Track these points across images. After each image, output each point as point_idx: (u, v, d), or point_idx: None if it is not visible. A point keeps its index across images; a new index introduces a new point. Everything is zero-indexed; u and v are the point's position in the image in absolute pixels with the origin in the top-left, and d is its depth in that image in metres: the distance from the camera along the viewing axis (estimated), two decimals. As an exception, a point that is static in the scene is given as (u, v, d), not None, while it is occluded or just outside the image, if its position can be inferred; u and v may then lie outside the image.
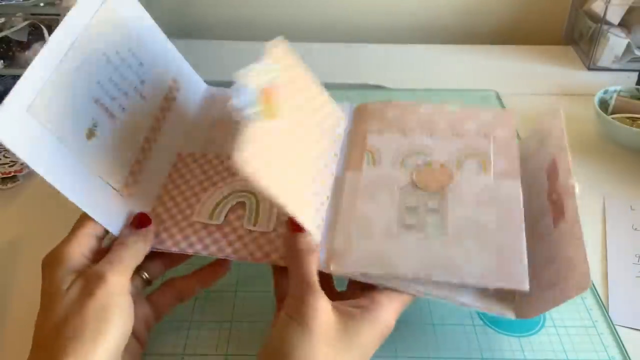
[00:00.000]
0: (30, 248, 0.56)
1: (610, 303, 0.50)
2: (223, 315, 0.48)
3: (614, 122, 0.67)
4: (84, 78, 0.41)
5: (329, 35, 1.00)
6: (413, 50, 0.93)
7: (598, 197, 0.62)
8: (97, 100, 0.43)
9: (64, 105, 0.40)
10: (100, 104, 0.43)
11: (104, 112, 0.43)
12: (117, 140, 0.44)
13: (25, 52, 0.67)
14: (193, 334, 0.47)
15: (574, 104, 0.78)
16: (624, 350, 0.45)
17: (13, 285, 0.52)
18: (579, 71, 0.87)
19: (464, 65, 0.89)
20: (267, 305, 0.49)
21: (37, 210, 0.61)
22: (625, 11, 0.83)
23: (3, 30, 0.65)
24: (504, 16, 0.99)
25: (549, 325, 0.47)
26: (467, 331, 0.47)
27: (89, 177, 0.42)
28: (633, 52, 0.84)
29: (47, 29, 0.65)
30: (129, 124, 0.46)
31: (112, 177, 0.43)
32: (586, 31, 0.89)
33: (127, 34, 0.46)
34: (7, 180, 0.63)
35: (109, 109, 0.44)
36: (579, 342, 0.46)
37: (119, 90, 0.45)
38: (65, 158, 0.40)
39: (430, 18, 0.99)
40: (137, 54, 0.47)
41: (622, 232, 0.57)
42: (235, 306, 0.49)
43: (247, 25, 1.00)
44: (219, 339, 0.46)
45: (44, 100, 0.38)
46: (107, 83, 0.44)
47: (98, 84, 0.43)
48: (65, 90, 0.40)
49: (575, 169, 0.66)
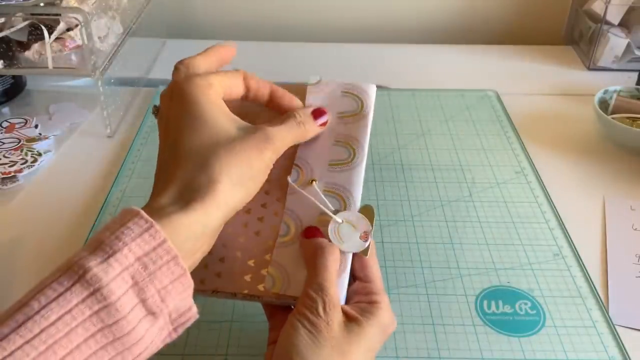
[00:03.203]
0: (30, 248, 0.56)
1: (610, 303, 0.50)
2: (223, 315, 0.48)
3: (614, 122, 0.67)
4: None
5: (329, 36, 1.00)
6: (413, 50, 0.93)
7: (598, 197, 0.62)
8: None
9: None
10: None
11: None
12: None
13: (25, 52, 0.67)
14: (193, 334, 0.47)
15: (574, 104, 0.78)
16: (624, 350, 0.45)
17: (13, 285, 0.52)
18: (579, 71, 0.87)
19: (464, 65, 0.89)
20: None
21: (37, 210, 0.61)
22: (625, 11, 0.83)
23: (3, 30, 0.65)
24: (504, 16, 0.99)
25: (549, 325, 0.47)
26: (467, 331, 0.47)
27: None
28: (633, 52, 0.84)
29: (47, 29, 0.65)
30: None
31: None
32: (586, 31, 0.89)
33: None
34: (7, 180, 0.63)
35: None
36: (579, 342, 0.46)
37: None
38: None
39: (430, 18, 0.99)
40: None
41: (622, 232, 0.57)
42: (235, 306, 0.49)
43: (248, 26, 1.00)
44: (219, 339, 0.46)
45: None
46: None
47: None
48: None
49: (575, 169, 0.67)
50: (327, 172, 0.43)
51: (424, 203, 0.60)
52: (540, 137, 0.71)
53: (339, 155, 0.44)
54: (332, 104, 0.45)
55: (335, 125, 0.45)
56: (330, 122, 0.45)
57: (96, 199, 0.61)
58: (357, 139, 0.44)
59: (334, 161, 0.43)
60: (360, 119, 0.45)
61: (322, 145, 0.44)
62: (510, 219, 0.58)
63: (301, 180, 0.43)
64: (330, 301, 0.36)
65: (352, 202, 0.42)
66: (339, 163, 0.43)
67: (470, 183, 0.63)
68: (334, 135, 0.44)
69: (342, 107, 0.45)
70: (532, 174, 0.64)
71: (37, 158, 0.66)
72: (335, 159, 0.43)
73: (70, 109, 0.77)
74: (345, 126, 0.45)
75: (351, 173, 0.43)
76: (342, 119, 0.45)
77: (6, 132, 0.71)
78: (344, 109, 0.45)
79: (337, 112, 0.45)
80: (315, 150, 0.44)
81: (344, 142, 0.44)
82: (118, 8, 0.74)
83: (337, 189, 0.42)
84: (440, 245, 0.55)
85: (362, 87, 0.46)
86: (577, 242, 0.55)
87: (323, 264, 0.38)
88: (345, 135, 0.44)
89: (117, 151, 0.69)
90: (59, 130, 0.72)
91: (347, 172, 0.43)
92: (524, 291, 0.51)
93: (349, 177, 0.43)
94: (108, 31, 0.70)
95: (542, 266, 0.53)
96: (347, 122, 0.45)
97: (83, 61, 0.67)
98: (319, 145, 0.44)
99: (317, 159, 0.44)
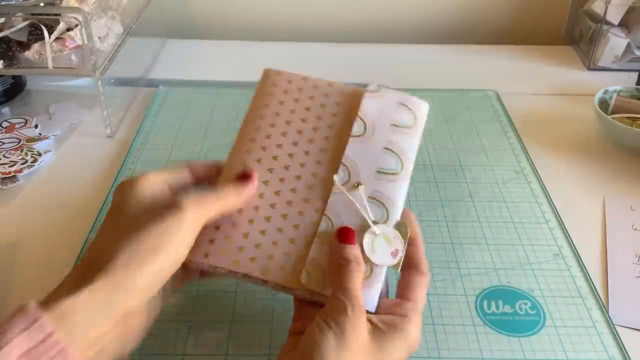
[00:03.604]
0: (30, 248, 0.56)
1: (610, 303, 0.50)
2: (223, 315, 0.48)
3: (614, 122, 0.67)
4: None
5: (329, 36, 1.00)
6: (413, 50, 0.93)
7: (598, 197, 0.62)
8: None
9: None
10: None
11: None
12: None
13: (25, 52, 0.67)
14: (193, 334, 0.47)
15: (574, 104, 0.78)
16: (624, 350, 0.45)
17: (13, 285, 0.52)
18: (579, 71, 0.87)
19: (464, 65, 0.89)
20: (267, 305, 0.49)
21: (37, 210, 0.61)
22: (625, 11, 0.83)
23: (3, 30, 0.65)
24: (504, 16, 0.99)
25: (549, 325, 0.47)
26: (467, 331, 0.47)
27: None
28: (633, 52, 0.84)
29: (47, 29, 0.65)
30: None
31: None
32: (586, 31, 0.89)
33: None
34: (7, 180, 0.63)
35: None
36: (579, 342, 0.46)
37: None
38: None
39: (430, 18, 0.99)
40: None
41: (622, 232, 0.57)
42: (235, 306, 0.49)
43: (247, 26, 1.00)
44: (219, 339, 0.46)
45: None
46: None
47: None
48: None
49: (576, 169, 0.67)
50: (374, 179, 0.43)
51: (424, 203, 0.60)
52: (540, 137, 0.71)
53: (388, 164, 0.44)
54: (387, 112, 0.46)
55: (389, 132, 0.45)
56: (384, 129, 0.45)
57: (96, 199, 0.61)
58: (406, 152, 0.44)
59: (382, 169, 0.43)
60: (412, 133, 0.45)
61: (372, 149, 0.44)
62: (510, 219, 0.58)
63: (347, 181, 0.43)
64: (358, 306, 0.36)
65: (394, 214, 0.42)
66: (387, 172, 0.43)
67: (470, 183, 0.63)
68: (385, 142, 0.44)
69: (397, 117, 0.46)
70: (532, 174, 0.64)
71: (37, 158, 0.66)
72: (385, 167, 0.43)
73: (70, 109, 0.77)
74: (397, 136, 0.45)
75: (398, 185, 0.43)
76: (395, 129, 0.45)
77: (6, 132, 0.71)
78: (398, 119, 0.46)
79: (391, 121, 0.45)
80: (365, 152, 0.44)
81: (394, 152, 0.44)
82: (118, 8, 0.74)
83: (382, 198, 0.42)
84: (440, 245, 0.55)
85: (418, 103, 0.47)
86: (577, 242, 0.55)
87: (352, 273, 0.38)
88: (396, 145, 0.44)
89: (117, 151, 0.69)
90: (59, 130, 0.72)
91: (394, 183, 0.43)
92: (524, 291, 0.51)
93: (396, 188, 0.43)
94: (108, 31, 0.70)
95: (542, 266, 0.53)
96: (399, 132, 0.45)
97: (83, 61, 0.67)
98: (369, 148, 0.44)
99: (365, 162, 0.44)
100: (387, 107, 0.46)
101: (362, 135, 0.45)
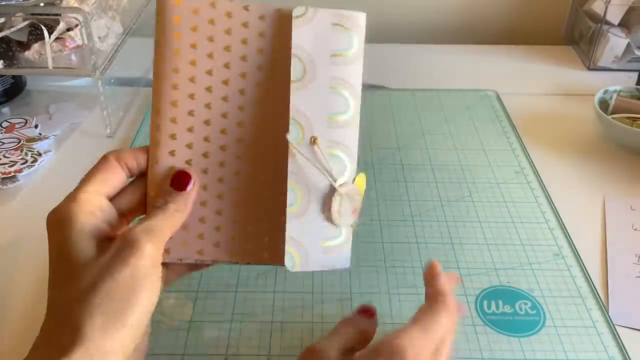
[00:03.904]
0: (30, 248, 0.56)
1: (610, 303, 0.50)
2: (223, 315, 0.48)
3: (614, 122, 0.67)
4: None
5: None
6: (413, 50, 0.93)
7: (598, 197, 0.62)
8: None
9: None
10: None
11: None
12: None
13: (25, 52, 0.67)
14: (193, 334, 0.47)
15: (574, 104, 0.78)
16: (624, 350, 0.45)
17: (13, 285, 0.52)
18: (579, 71, 0.87)
19: (464, 65, 0.89)
20: (268, 306, 0.49)
21: (37, 210, 0.60)
22: (625, 11, 0.83)
23: (3, 30, 0.65)
24: (504, 16, 0.99)
25: (549, 325, 0.47)
26: (467, 331, 0.47)
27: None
28: (633, 52, 0.84)
29: (47, 29, 0.65)
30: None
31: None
32: (586, 31, 0.89)
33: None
34: (7, 180, 0.63)
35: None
36: (579, 342, 0.46)
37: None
38: None
39: (430, 18, 0.99)
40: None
41: (622, 232, 0.57)
42: (235, 306, 0.49)
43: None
44: (219, 339, 0.46)
45: None
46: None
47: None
48: None
49: (576, 169, 0.67)
50: (327, 128, 0.38)
51: (424, 203, 0.60)
52: (540, 137, 0.71)
53: (337, 106, 0.38)
54: (323, 40, 0.38)
55: (330, 66, 0.38)
56: (324, 64, 0.38)
57: (96, 199, 0.61)
58: (353, 86, 0.38)
59: (333, 113, 0.38)
60: (353, 59, 0.38)
61: (317, 93, 0.38)
62: (510, 219, 0.58)
63: (302, 138, 0.38)
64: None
65: (352, 163, 0.39)
66: (338, 116, 0.38)
67: (470, 183, 0.63)
68: (329, 80, 0.38)
69: (335, 44, 0.38)
70: (532, 174, 0.64)
71: (37, 158, 0.66)
72: (334, 110, 0.38)
73: (70, 109, 0.77)
74: (340, 69, 0.38)
75: (351, 128, 0.38)
76: (335, 59, 0.38)
77: (6, 132, 0.71)
78: (336, 46, 0.38)
79: (330, 51, 0.38)
80: (312, 98, 0.38)
81: (341, 90, 0.38)
82: (118, 8, 0.74)
83: (339, 148, 0.38)
84: (440, 245, 0.55)
85: (353, 17, 0.38)
86: (577, 242, 0.55)
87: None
88: (340, 80, 0.38)
89: (117, 151, 0.69)
90: (59, 130, 0.72)
91: (347, 127, 0.38)
92: (524, 291, 0.50)
93: (349, 132, 0.38)
94: (108, 31, 0.70)
95: (542, 266, 0.53)
96: (341, 63, 0.38)
97: (83, 61, 0.67)
98: (314, 93, 0.38)
99: (315, 110, 0.38)
100: (321, 34, 0.38)
101: (304, 78, 0.38)
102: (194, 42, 0.38)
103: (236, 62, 0.38)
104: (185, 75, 0.38)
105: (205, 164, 0.38)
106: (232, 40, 0.38)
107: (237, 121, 0.38)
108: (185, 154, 0.38)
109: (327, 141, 0.38)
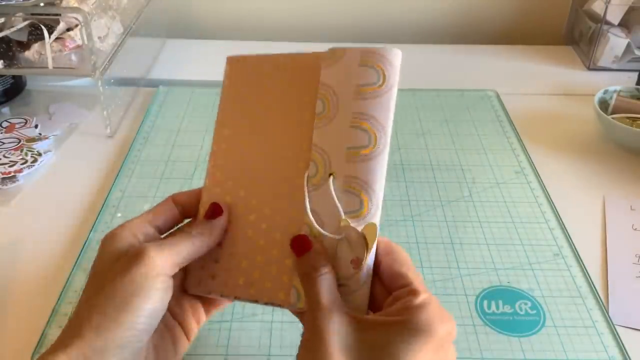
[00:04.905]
0: (30, 248, 0.56)
1: (610, 303, 0.50)
2: (223, 315, 0.48)
3: (614, 122, 0.67)
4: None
5: (329, 36, 1.00)
6: (413, 50, 0.93)
7: (598, 197, 0.62)
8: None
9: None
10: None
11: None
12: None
13: (25, 52, 0.67)
14: (193, 334, 0.47)
15: (574, 104, 0.78)
16: (624, 350, 0.45)
17: (13, 285, 0.52)
18: (579, 71, 0.87)
19: (464, 65, 0.89)
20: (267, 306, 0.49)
21: (37, 210, 0.61)
22: (625, 11, 0.83)
23: (3, 30, 0.65)
24: (504, 16, 0.99)
25: (549, 325, 0.47)
26: (467, 331, 0.47)
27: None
28: (633, 52, 0.84)
29: (47, 29, 0.65)
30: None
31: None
32: (586, 31, 0.89)
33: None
34: (7, 180, 0.63)
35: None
36: (579, 342, 0.46)
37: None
38: None
39: (430, 18, 0.99)
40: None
41: (622, 232, 0.57)
42: (235, 306, 0.49)
43: (247, 25, 1.00)
44: (219, 339, 0.46)
45: None
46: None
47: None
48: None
49: (576, 169, 0.67)
50: (345, 163, 0.37)
51: (424, 203, 0.60)
52: (540, 137, 0.71)
53: (358, 141, 0.36)
54: (349, 77, 0.38)
55: (352, 102, 0.37)
56: (347, 97, 0.37)
57: (96, 199, 0.61)
58: (377, 120, 0.37)
59: (352, 148, 0.37)
60: (381, 94, 0.37)
61: (338, 128, 0.37)
62: (510, 219, 0.58)
63: (320, 175, 0.37)
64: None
65: (374, 201, 0.36)
66: (358, 150, 0.36)
67: (470, 183, 0.63)
68: (351, 115, 0.37)
69: (360, 79, 0.37)
70: (532, 174, 0.64)
71: (37, 158, 0.66)
72: (354, 145, 0.37)
73: (70, 109, 0.77)
74: (364, 103, 0.37)
75: (371, 163, 0.36)
76: (360, 93, 0.37)
77: (6, 132, 0.71)
78: (361, 81, 0.37)
79: (354, 86, 0.37)
80: (332, 133, 0.37)
81: (363, 123, 0.37)
82: (118, 8, 0.74)
83: (358, 184, 0.36)
84: (440, 245, 0.55)
85: (384, 55, 0.37)
86: (577, 242, 0.55)
87: (316, 281, 0.35)
88: (363, 114, 0.37)
89: (117, 151, 0.69)
90: (59, 130, 0.72)
91: (367, 162, 0.36)
92: (524, 291, 0.51)
93: (370, 168, 0.36)
94: (108, 31, 0.70)
95: (542, 266, 0.53)
96: (366, 96, 0.37)
97: (83, 61, 0.67)
98: (334, 128, 0.37)
99: (333, 144, 0.37)
100: (348, 73, 0.38)
101: (325, 113, 0.38)
102: (247, 95, 0.41)
103: (275, 107, 0.40)
104: (238, 123, 0.41)
105: (238, 203, 0.40)
106: (275, 87, 0.41)
107: (267, 163, 0.40)
108: (224, 196, 0.41)
109: (343, 177, 0.37)
